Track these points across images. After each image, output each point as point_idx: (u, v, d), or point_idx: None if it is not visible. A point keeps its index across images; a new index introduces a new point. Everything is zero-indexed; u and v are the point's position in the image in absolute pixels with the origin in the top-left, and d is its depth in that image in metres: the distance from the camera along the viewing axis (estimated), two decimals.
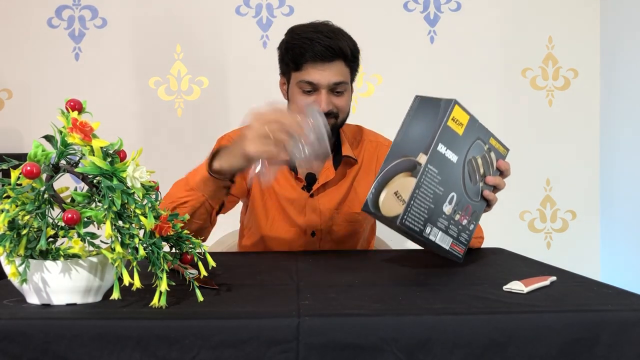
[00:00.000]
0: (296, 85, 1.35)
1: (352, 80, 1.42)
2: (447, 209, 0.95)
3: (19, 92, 2.31)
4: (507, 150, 1.07)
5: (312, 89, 1.33)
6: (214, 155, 1.14)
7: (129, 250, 0.77)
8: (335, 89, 1.34)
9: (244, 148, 1.04)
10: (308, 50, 1.31)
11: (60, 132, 0.77)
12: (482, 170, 0.99)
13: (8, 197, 0.76)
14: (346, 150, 1.44)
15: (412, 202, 0.92)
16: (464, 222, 0.97)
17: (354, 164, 1.46)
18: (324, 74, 1.32)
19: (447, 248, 0.98)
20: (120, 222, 0.77)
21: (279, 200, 1.43)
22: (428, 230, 0.95)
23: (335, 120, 1.37)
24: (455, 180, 0.96)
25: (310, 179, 1.43)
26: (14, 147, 2.28)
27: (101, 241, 0.79)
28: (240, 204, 1.54)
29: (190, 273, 0.84)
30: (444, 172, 0.94)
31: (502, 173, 1.10)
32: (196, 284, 0.82)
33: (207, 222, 1.23)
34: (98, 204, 0.78)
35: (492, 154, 1.02)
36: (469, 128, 0.96)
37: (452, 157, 0.94)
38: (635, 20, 2.19)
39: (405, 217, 0.92)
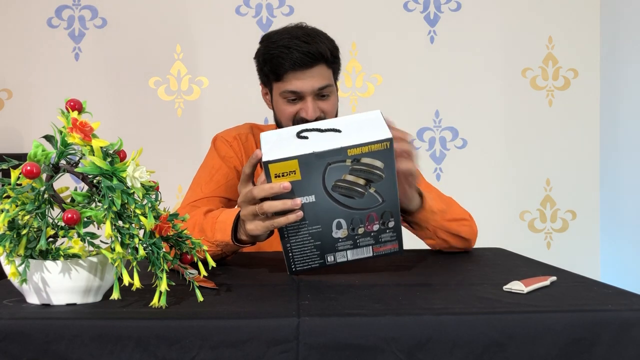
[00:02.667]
0: (280, 96, 1.32)
1: (336, 79, 1.40)
2: (339, 233, 0.98)
3: (19, 92, 2.31)
4: (387, 139, 0.94)
5: (297, 97, 1.31)
6: (237, 219, 1.07)
7: (129, 250, 0.77)
8: (321, 94, 1.31)
9: (249, 231, 1.00)
10: (286, 59, 1.27)
11: (60, 132, 0.77)
12: (361, 181, 0.96)
13: (8, 197, 0.76)
14: None
15: (289, 254, 0.99)
16: (375, 227, 0.99)
17: None
18: (306, 81, 1.28)
19: (372, 255, 1.01)
20: (120, 222, 0.77)
21: None
22: (330, 258, 1.00)
23: None
24: (329, 211, 0.96)
25: None
26: (14, 147, 2.28)
27: (101, 241, 0.79)
28: None
29: (190, 273, 0.84)
30: (309, 214, 0.95)
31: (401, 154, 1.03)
32: (196, 284, 0.82)
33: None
34: (98, 204, 0.78)
35: (365, 159, 0.95)
36: (306, 167, 0.92)
37: (308, 199, 0.94)
38: (635, 20, 2.19)
39: (292, 267, 1.00)
